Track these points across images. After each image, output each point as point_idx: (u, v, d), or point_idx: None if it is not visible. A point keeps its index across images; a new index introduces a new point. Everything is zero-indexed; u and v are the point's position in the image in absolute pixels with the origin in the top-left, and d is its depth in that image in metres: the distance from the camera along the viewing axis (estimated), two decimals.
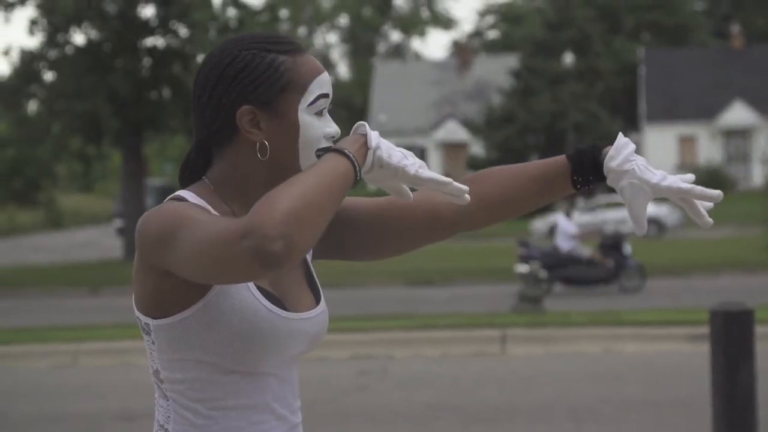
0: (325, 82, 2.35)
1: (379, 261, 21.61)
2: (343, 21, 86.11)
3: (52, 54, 31.45)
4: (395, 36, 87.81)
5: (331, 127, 2.36)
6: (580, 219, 38.24)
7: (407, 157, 2.26)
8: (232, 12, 32.01)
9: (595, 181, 2.45)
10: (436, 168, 61.18)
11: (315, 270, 2.50)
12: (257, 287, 2.29)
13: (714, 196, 2.35)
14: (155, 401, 2.39)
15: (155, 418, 2.38)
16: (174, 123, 31.77)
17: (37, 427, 9.37)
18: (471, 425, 8.88)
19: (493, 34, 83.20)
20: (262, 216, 2.05)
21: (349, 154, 2.20)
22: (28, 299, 23.63)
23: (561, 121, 49.32)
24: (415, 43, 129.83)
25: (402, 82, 64.79)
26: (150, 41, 31.93)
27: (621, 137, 2.43)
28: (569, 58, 54.68)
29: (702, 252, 27.09)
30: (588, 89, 52.20)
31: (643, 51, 59.48)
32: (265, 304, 2.28)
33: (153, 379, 2.36)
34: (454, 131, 61.12)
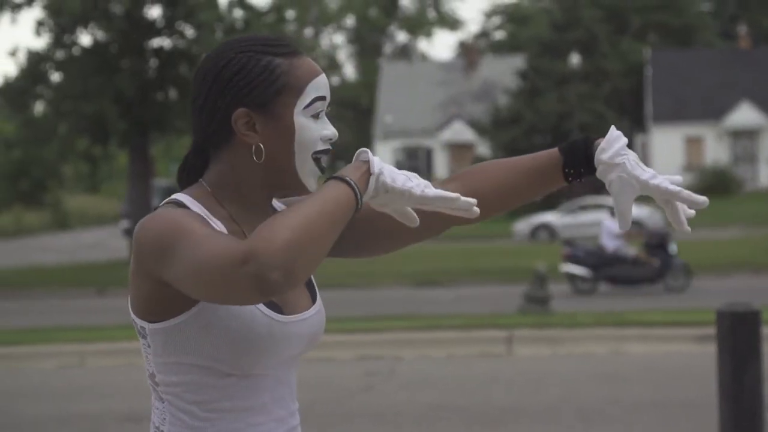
0: (322, 84, 2.34)
1: (386, 262, 21.54)
2: (350, 22, 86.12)
3: (58, 55, 31.48)
4: (401, 37, 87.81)
5: (329, 130, 2.35)
6: (562, 221, 38.23)
7: (411, 179, 2.25)
8: (238, 13, 32.02)
9: (587, 174, 2.44)
10: (442, 169, 61.19)
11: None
12: None
13: (699, 202, 2.34)
14: (152, 403, 2.38)
15: (151, 420, 2.38)
16: (180, 124, 31.78)
17: (44, 428, 9.38)
18: (477, 426, 8.87)
19: (500, 34, 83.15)
20: (262, 243, 2.05)
21: (351, 181, 2.19)
22: (34, 300, 23.65)
23: (567, 122, 49.28)
24: (422, 44, 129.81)
25: (408, 82, 64.77)
26: (156, 42, 31.95)
27: (613, 130, 2.42)
28: (576, 58, 54.66)
29: (709, 252, 27.07)
30: (594, 90, 52.16)
31: (650, 52, 59.41)
32: (262, 308, 2.28)
33: (149, 382, 2.36)
34: (460, 132, 61.11)
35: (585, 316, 14.40)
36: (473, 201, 2.25)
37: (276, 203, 2.47)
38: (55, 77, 31.95)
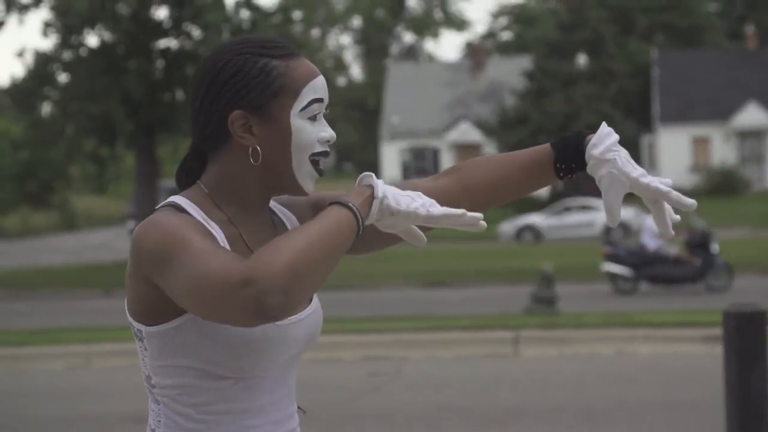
0: (320, 86, 2.33)
1: (392, 262, 21.53)
2: (357, 22, 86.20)
3: (65, 56, 31.52)
4: (408, 37, 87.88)
5: (327, 132, 2.34)
6: (547, 222, 38.18)
7: (415, 199, 2.25)
8: (245, 14, 32.03)
9: (578, 170, 2.44)
10: None
11: None
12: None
13: (687, 204, 2.34)
14: (148, 405, 2.38)
15: (148, 422, 2.38)
16: (187, 125, 31.76)
17: (49, 428, 9.39)
18: (483, 427, 8.86)
19: (507, 35, 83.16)
20: (262, 267, 2.06)
21: (353, 207, 2.19)
22: (40, 301, 23.67)
23: (574, 123, 49.26)
24: (428, 45, 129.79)
25: (415, 83, 64.77)
26: (163, 43, 31.98)
27: (604, 126, 2.43)
28: (582, 59, 54.65)
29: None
30: (601, 90, 52.13)
31: (657, 52, 59.37)
32: None
33: (145, 384, 2.35)
34: (467, 132, 61.09)
35: (591, 316, 14.39)
36: (479, 215, 2.25)
37: (274, 204, 2.47)
38: (62, 78, 31.99)
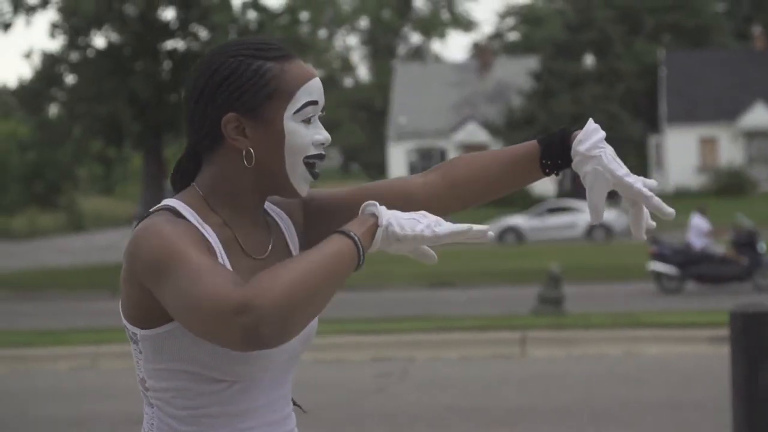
0: (314, 89, 2.32)
1: (399, 263, 21.49)
2: (363, 23, 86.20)
3: (73, 57, 31.57)
4: (415, 38, 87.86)
5: (321, 135, 2.33)
6: (529, 223, 38.11)
7: (420, 221, 2.25)
8: (252, 15, 32.06)
9: (564, 166, 2.44)
10: None
11: None
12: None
13: (667, 212, 2.33)
14: (143, 408, 2.37)
15: (142, 425, 2.37)
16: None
17: (56, 429, 9.39)
18: (490, 427, 8.85)
19: (514, 35, 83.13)
20: (259, 296, 2.05)
21: (355, 237, 2.18)
22: (47, 302, 23.71)
23: (581, 123, 49.15)
24: (435, 45, 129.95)
25: (422, 84, 64.76)
26: (170, 44, 32.01)
27: (591, 123, 2.44)
28: (589, 59, 54.65)
29: None
30: (608, 91, 52.12)
31: (664, 52, 59.31)
32: None
33: (139, 387, 2.34)
34: (474, 133, 61.07)
35: (599, 317, 14.38)
36: (485, 228, 2.26)
37: (266, 204, 2.45)
38: (70, 79, 32.03)
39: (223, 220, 2.32)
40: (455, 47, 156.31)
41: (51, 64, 31.29)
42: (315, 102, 2.32)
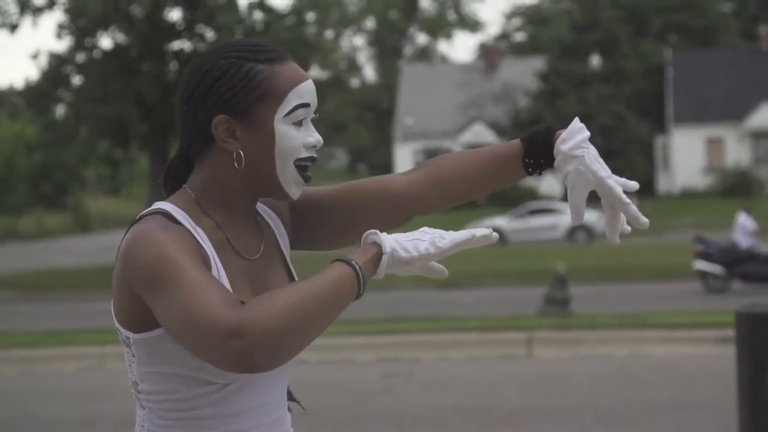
0: (306, 91, 2.32)
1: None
2: (370, 24, 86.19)
3: (79, 58, 31.60)
4: (422, 38, 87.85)
5: (313, 137, 2.33)
6: (511, 225, 38.02)
7: (422, 239, 2.26)
8: (258, 15, 32.06)
9: (546, 165, 2.43)
10: None
11: (294, 266, 2.48)
12: (240, 301, 2.22)
13: (641, 223, 2.34)
14: (136, 411, 2.37)
15: (135, 428, 2.37)
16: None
17: (63, 430, 9.41)
18: (496, 428, 8.85)
19: (520, 36, 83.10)
20: (255, 320, 2.05)
21: (356, 266, 2.18)
22: (54, 302, 23.73)
23: (588, 124, 49.04)
24: (442, 46, 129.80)
25: (428, 84, 64.76)
26: (176, 45, 32.04)
27: (576, 122, 2.43)
28: (596, 60, 54.59)
29: None
30: (615, 91, 52.08)
31: (671, 53, 59.26)
32: None
33: (132, 390, 2.35)
34: (480, 134, 61.04)
35: (605, 317, 14.37)
36: (488, 231, 2.27)
37: (259, 206, 2.46)
38: (76, 80, 32.08)
39: (215, 222, 2.32)
40: (462, 48, 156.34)
41: (58, 65, 31.33)
42: (307, 104, 2.31)
